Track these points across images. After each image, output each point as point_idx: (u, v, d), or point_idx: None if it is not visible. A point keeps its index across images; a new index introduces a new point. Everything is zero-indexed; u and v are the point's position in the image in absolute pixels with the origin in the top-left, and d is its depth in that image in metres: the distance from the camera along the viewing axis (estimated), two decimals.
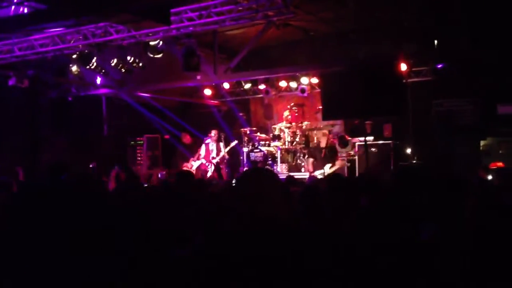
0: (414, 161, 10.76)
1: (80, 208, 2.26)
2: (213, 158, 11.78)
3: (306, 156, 11.53)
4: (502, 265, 2.55)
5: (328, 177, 8.42)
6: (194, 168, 11.62)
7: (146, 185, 9.68)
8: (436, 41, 10.65)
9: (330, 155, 10.32)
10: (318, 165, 10.33)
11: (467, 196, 3.36)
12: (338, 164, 10.23)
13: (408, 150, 11.11)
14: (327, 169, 10.07)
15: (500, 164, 9.81)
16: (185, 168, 10.91)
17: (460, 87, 10.89)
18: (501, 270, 2.53)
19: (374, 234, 2.82)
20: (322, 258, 2.35)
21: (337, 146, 10.96)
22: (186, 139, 12.51)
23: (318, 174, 10.08)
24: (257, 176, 2.46)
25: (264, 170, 2.78)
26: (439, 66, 10.73)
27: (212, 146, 11.87)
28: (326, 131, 10.86)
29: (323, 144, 10.44)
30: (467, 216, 3.01)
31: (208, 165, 11.73)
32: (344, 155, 11.13)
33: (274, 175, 2.56)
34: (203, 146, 11.91)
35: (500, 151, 10.67)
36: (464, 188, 3.48)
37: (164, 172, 12.49)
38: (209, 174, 11.57)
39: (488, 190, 4.05)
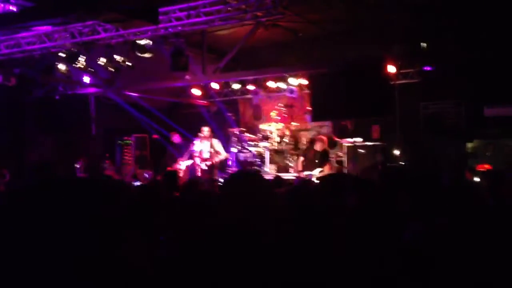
0: (402, 163, 10.82)
1: (72, 209, 2.23)
2: (206, 159, 11.17)
3: (296, 156, 11.51)
4: (485, 264, 2.57)
5: (323, 177, 8.44)
6: (183, 168, 11.41)
7: (137, 183, 9.63)
8: (424, 44, 10.71)
9: (322, 159, 10.31)
10: (307, 166, 10.32)
11: (453, 197, 3.38)
12: (326, 169, 10.17)
13: (396, 152, 11.16)
14: (317, 172, 10.03)
15: (487, 166, 9.89)
16: (171, 168, 10.68)
17: (447, 89, 10.97)
18: (483, 269, 2.55)
19: (364, 234, 2.83)
20: (315, 260, 2.36)
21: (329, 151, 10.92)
22: (175, 138, 12.30)
23: (307, 174, 10.07)
24: (245, 179, 2.47)
25: (250, 172, 2.79)
26: (427, 68, 10.79)
27: (204, 145, 11.29)
28: (322, 136, 10.78)
29: (317, 147, 10.35)
30: (451, 217, 3.03)
31: (200, 164, 11.32)
32: (333, 156, 11.15)
33: (261, 177, 2.57)
34: (197, 144, 11.40)
35: (487, 153, 10.76)
36: (449, 189, 3.50)
37: (150, 172, 12.35)
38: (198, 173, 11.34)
39: (473, 191, 4.08)
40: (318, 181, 7.83)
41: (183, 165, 11.45)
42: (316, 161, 10.28)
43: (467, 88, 10.63)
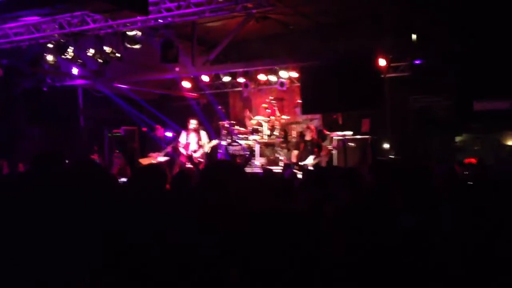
0: (391, 156, 10.86)
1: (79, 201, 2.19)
2: (194, 151, 11.24)
3: (287, 150, 11.49)
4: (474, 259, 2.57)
5: (307, 170, 8.46)
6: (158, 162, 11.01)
7: (123, 179, 9.51)
8: (414, 36, 10.72)
9: (314, 148, 10.34)
10: (302, 158, 10.34)
11: (440, 190, 3.38)
12: (323, 154, 10.28)
13: (386, 145, 11.20)
14: (311, 160, 10.09)
15: (474, 160, 9.95)
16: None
17: (437, 83, 10.99)
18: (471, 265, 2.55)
19: (354, 227, 2.82)
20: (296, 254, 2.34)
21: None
22: (159, 132, 12.09)
23: (303, 164, 10.12)
24: (221, 169, 2.48)
25: (227, 162, 2.81)
26: (417, 62, 10.81)
27: (191, 137, 11.29)
28: (311, 125, 10.84)
29: (307, 137, 10.40)
30: (440, 209, 3.03)
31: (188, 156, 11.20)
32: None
33: (238, 168, 2.58)
34: (184, 136, 11.41)
35: (475, 147, 10.83)
36: (437, 183, 3.50)
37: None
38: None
39: (459, 185, 4.09)
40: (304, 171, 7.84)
41: (159, 160, 11.19)
42: (308, 149, 10.31)
43: (457, 82, 10.67)
